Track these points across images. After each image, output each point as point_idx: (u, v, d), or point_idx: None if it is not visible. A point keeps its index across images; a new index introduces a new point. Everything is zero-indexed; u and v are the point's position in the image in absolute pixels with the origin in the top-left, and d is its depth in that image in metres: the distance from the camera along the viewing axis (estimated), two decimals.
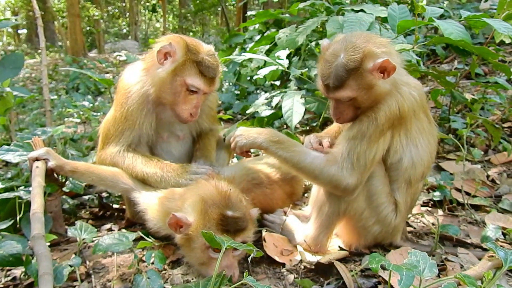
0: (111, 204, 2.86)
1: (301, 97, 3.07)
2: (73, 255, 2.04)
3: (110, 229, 2.55)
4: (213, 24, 26.84)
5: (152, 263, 1.98)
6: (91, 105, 5.89)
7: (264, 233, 2.21)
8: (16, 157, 2.43)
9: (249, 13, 6.62)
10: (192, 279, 1.97)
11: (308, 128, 4.64)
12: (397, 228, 2.21)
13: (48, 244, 2.28)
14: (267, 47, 5.07)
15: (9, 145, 2.51)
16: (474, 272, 1.70)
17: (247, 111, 3.88)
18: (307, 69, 4.04)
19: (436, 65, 5.95)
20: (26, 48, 22.28)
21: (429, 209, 2.77)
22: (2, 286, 1.96)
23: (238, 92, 6.02)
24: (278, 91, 3.33)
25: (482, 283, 1.35)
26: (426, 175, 2.28)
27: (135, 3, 27.18)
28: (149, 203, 2.16)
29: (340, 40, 2.03)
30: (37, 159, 2.22)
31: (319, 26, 4.64)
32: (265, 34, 5.41)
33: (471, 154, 3.27)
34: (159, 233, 2.15)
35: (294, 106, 2.98)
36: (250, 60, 4.85)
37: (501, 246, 2.07)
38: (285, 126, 4.43)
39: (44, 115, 4.65)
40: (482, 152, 3.47)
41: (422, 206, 2.81)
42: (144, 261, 2.04)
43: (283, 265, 2.08)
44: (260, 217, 2.37)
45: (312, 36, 4.99)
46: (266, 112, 4.52)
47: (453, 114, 3.93)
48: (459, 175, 2.93)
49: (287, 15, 5.48)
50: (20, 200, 2.28)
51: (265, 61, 4.40)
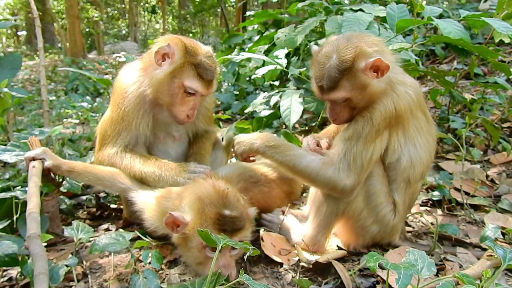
0: (109, 204, 2.85)
1: (300, 97, 3.06)
2: (70, 255, 2.04)
3: (108, 229, 2.54)
4: (213, 25, 26.85)
5: (149, 263, 1.97)
6: (90, 106, 5.89)
7: (262, 233, 2.20)
8: (13, 157, 2.42)
9: (248, 14, 6.62)
10: (189, 279, 1.95)
11: (307, 128, 4.63)
12: (396, 228, 2.19)
13: (45, 244, 2.28)
14: (266, 47, 5.07)
15: (6, 145, 2.50)
16: (473, 272, 1.69)
17: (245, 111, 3.87)
18: (306, 69, 4.03)
19: (436, 65, 5.94)
20: (26, 50, 22.26)
21: (428, 209, 2.76)
22: None
23: (237, 92, 6.01)
24: (277, 91, 3.31)
25: (481, 282, 1.34)
26: (425, 175, 2.27)
27: (135, 5, 27.20)
28: (146, 203, 2.14)
29: (332, 42, 2.03)
30: (34, 159, 2.20)
31: (318, 26, 4.64)
32: (264, 34, 5.41)
33: (470, 154, 3.26)
34: (157, 233, 2.14)
35: (292, 106, 2.97)
36: (249, 60, 4.85)
37: (500, 246, 2.08)
38: (284, 126, 4.42)
39: (43, 116, 4.64)
40: (482, 152, 3.46)
41: (421, 206, 2.80)
42: (141, 261, 2.03)
43: (281, 265, 2.07)
44: (258, 217, 2.36)
45: (311, 36, 4.98)
46: (265, 112, 4.52)
47: (452, 114, 3.93)
48: (458, 175, 2.92)
49: (286, 15, 5.48)
50: (17, 200, 2.27)
51: (264, 61, 4.39)
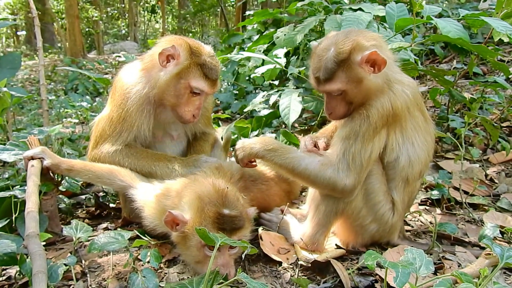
0: (108, 203, 2.85)
1: (299, 96, 3.06)
2: (69, 254, 2.03)
3: (107, 228, 2.53)
4: (213, 25, 26.86)
5: (148, 262, 1.97)
6: (90, 106, 5.89)
7: (261, 232, 2.20)
8: (12, 156, 2.41)
9: (248, 13, 6.62)
10: (188, 278, 1.95)
11: (307, 128, 4.63)
12: (395, 227, 2.19)
13: (44, 243, 2.27)
14: (266, 46, 5.08)
15: (5, 145, 2.50)
16: (471, 270, 1.69)
17: (245, 110, 3.87)
18: (305, 68, 4.03)
19: (435, 65, 5.94)
20: (25, 50, 22.27)
21: (427, 208, 2.76)
22: None
23: (237, 92, 6.01)
24: (276, 90, 3.32)
25: (479, 280, 1.34)
26: (424, 174, 2.27)
27: (134, 4, 27.19)
28: (146, 200, 2.14)
29: (331, 36, 2.05)
30: (33, 158, 2.20)
31: (318, 25, 4.64)
32: (264, 34, 5.42)
33: (470, 153, 3.26)
34: (156, 231, 2.14)
35: (292, 104, 2.97)
36: (248, 59, 4.85)
37: (498, 244, 2.08)
38: (284, 125, 4.42)
39: (42, 116, 4.64)
40: (481, 151, 3.46)
41: (420, 205, 2.80)
42: (140, 260, 2.03)
43: (280, 264, 2.07)
44: (257, 216, 2.35)
45: (311, 36, 4.99)
46: (265, 111, 4.52)
47: (452, 113, 3.93)
48: (458, 174, 2.92)
49: (286, 15, 5.48)
50: (16, 200, 2.26)
51: (263, 60, 4.40)
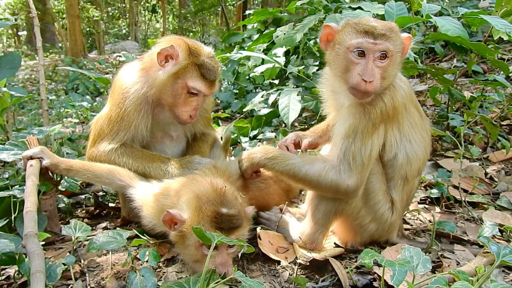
0: (107, 203, 2.85)
1: (298, 95, 3.05)
2: (68, 254, 2.04)
3: (106, 228, 2.54)
4: (213, 24, 26.85)
5: (147, 261, 1.97)
6: (90, 105, 5.89)
7: (259, 231, 2.20)
8: (11, 156, 2.42)
9: (248, 12, 6.62)
10: (186, 277, 1.96)
11: (307, 126, 4.62)
12: (393, 226, 2.19)
13: (43, 243, 2.28)
14: (265, 46, 5.07)
15: (4, 144, 2.51)
16: (469, 268, 1.68)
17: (244, 109, 3.87)
18: (304, 67, 4.03)
19: (435, 63, 5.93)
20: (26, 50, 22.28)
21: (426, 207, 2.75)
22: None
23: (237, 91, 6.01)
24: (275, 89, 3.32)
25: (474, 278, 1.34)
26: (422, 171, 2.27)
27: (135, 4, 27.20)
28: (145, 200, 2.15)
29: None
30: (32, 158, 2.21)
31: (317, 24, 4.64)
32: (264, 33, 5.42)
33: (470, 152, 3.26)
34: (154, 230, 2.14)
35: (291, 104, 2.97)
36: (248, 59, 4.85)
37: (501, 244, 2.07)
38: (284, 125, 4.43)
39: (42, 115, 4.65)
40: (480, 150, 3.45)
41: (419, 204, 2.79)
42: (139, 259, 2.03)
43: (279, 263, 2.07)
44: (256, 215, 2.36)
45: (311, 35, 4.99)
46: (264, 111, 4.53)
47: (452, 112, 3.92)
48: (457, 173, 2.92)
49: (286, 14, 5.48)
50: (15, 199, 2.27)
51: (263, 59, 4.40)
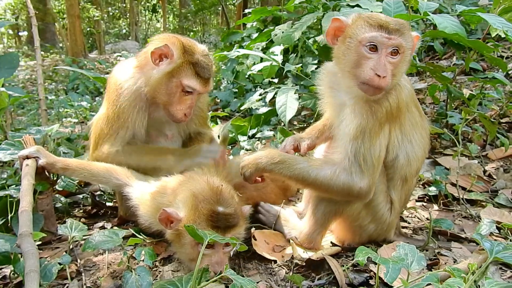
0: (104, 202, 2.85)
1: (295, 93, 3.05)
2: (64, 253, 2.04)
3: (103, 227, 2.53)
4: (214, 24, 26.85)
5: (143, 260, 1.97)
6: (89, 105, 5.89)
7: (254, 231, 2.19)
8: (7, 156, 2.42)
9: (247, 11, 6.60)
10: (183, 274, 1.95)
11: (306, 125, 4.62)
12: (391, 225, 2.18)
13: (40, 243, 2.29)
14: (264, 44, 5.07)
15: (1, 144, 2.51)
16: (465, 266, 1.67)
17: (241, 108, 3.87)
18: (302, 65, 4.02)
19: (435, 61, 5.91)
20: (27, 50, 22.30)
21: (424, 204, 2.75)
22: None
23: (236, 90, 6.01)
24: (272, 87, 3.31)
25: (467, 275, 1.33)
26: (420, 170, 2.26)
27: (135, 4, 27.21)
28: (142, 198, 2.14)
29: None
30: (28, 157, 2.21)
31: (316, 22, 4.63)
32: (263, 31, 5.40)
33: (468, 150, 3.25)
34: (151, 229, 2.14)
35: (288, 102, 2.96)
36: (246, 57, 4.84)
37: (495, 240, 2.06)
38: (283, 123, 4.42)
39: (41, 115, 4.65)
40: (479, 147, 3.44)
41: (417, 201, 2.78)
42: (135, 258, 2.03)
43: (275, 261, 2.06)
44: (254, 210, 2.34)
45: (310, 33, 4.98)
46: (263, 109, 4.52)
47: (451, 110, 3.91)
48: (455, 170, 2.90)
49: (285, 12, 5.46)
50: (11, 199, 2.27)
51: (262, 58, 4.40)
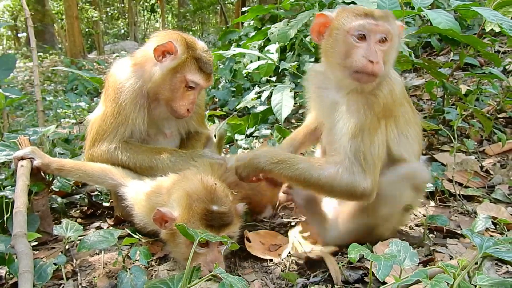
0: (101, 203, 2.85)
1: (291, 91, 3.04)
2: (59, 254, 2.04)
3: (99, 227, 2.54)
4: (212, 23, 26.82)
5: (138, 260, 1.97)
6: (88, 106, 5.89)
7: (248, 233, 2.17)
8: (3, 157, 2.42)
9: (244, 9, 6.60)
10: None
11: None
12: (389, 222, 2.17)
13: (36, 243, 2.30)
14: (261, 43, 5.06)
15: None
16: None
17: (237, 106, 3.87)
18: (299, 63, 4.02)
19: (432, 57, 5.90)
20: (26, 52, 22.31)
21: (421, 201, 2.74)
22: None
23: (234, 89, 6.00)
24: (268, 86, 3.31)
25: (457, 270, 1.33)
26: None
27: (134, 4, 27.19)
28: (136, 198, 2.15)
29: None
30: (22, 158, 2.21)
31: (312, 20, 4.62)
32: (260, 30, 5.40)
33: (465, 145, 3.24)
34: (146, 229, 2.15)
35: (284, 100, 2.96)
36: (243, 56, 4.84)
37: (491, 236, 2.06)
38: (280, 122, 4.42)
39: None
40: (476, 143, 3.43)
41: None
42: (131, 258, 2.03)
43: (271, 259, 2.06)
44: (248, 211, 2.34)
45: (306, 31, 4.97)
46: (260, 108, 4.52)
47: (448, 106, 3.90)
48: (451, 166, 2.90)
49: (282, 11, 5.45)
50: (7, 200, 2.27)
51: (259, 56, 4.40)
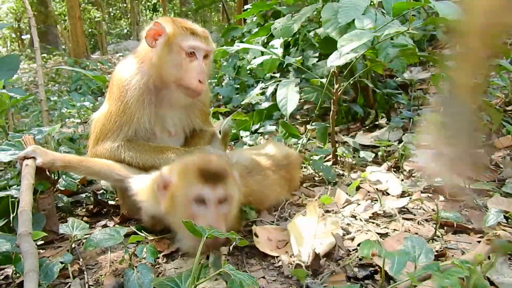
0: (107, 201, 2.84)
1: (296, 86, 3.01)
2: (66, 252, 2.03)
3: (105, 225, 2.52)
4: (215, 21, 26.74)
5: (144, 258, 1.95)
6: (92, 105, 5.90)
7: (255, 228, 2.14)
8: (8, 156, 2.41)
9: (246, 7, 6.56)
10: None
11: (308, 119, 4.59)
12: None
13: (42, 242, 2.29)
14: (264, 39, 5.02)
15: (1, 145, 2.50)
16: (471, 257, 1.63)
17: (242, 102, 3.85)
18: (303, 59, 3.98)
19: (438, 50, 5.83)
20: (30, 53, 22.38)
21: (430, 195, 2.70)
22: None
23: (238, 86, 5.98)
24: (273, 81, 3.27)
25: (473, 266, 1.30)
26: None
27: (136, 3, 27.20)
28: (142, 185, 2.15)
29: None
30: (26, 158, 2.20)
31: (316, 15, 4.57)
32: (263, 26, 5.36)
33: None
34: (153, 221, 2.16)
35: (289, 95, 2.92)
36: (247, 52, 4.81)
37: (503, 230, 2.02)
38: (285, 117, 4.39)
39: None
40: (485, 136, 3.38)
41: (423, 193, 2.74)
42: (137, 256, 2.01)
43: (279, 256, 2.03)
44: (253, 209, 2.32)
45: (310, 25, 4.92)
46: (265, 104, 4.49)
47: None
48: None
49: (284, 7, 5.41)
50: (13, 199, 2.27)
51: (262, 52, 4.36)
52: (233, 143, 4.06)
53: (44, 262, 1.81)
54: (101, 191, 2.92)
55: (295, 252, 1.97)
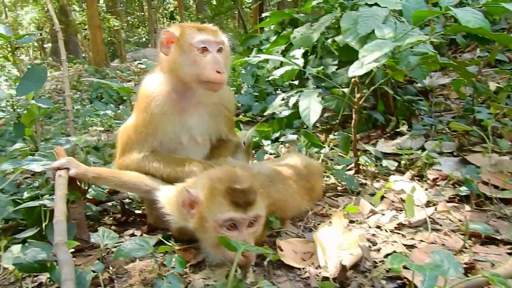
0: (133, 210, 2.90)
1: (318, 96, 3.03)
2: (96, 261, 2.09)
3: (133, 234, 2.58)
4: (231, 28, 26.99)
5: (173, 267, 1.99)
6: (114, 113, 6.04)
7: (279, 241, 2.15)
8: (40, 167, 2.50)
9: (264, 15, 6.62)
10: (214, 283, 1.96)
11: (328, 127, 4.58)
12: None
13: (73, 251, 2.34)
14: (283, 47, 5.06)
15: (34, 156, 2.60)
16: (504, 270, 1.62)
17: (265, 113, 3.87)
18: (323, 67, 3.99)
19: (458, 55, 5.76)
20: (52, 61, 23.01)
21: (456, 205, 2.67)
22: None
23: (257, 94, 6.02)
24: (295, 91, 3.30)
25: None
26: None
27: (154, 12, 27.68)
28: (169, 197, 2.19)
29: None
30: (59, 169, 2.28)
31: (334, 23, 4.59)
32: (281, 34, 5.40)
33: (498, 146, 3.14)
34: (180, 231, 2.19)
35: (311, 105, 2.94)
36: (267, 61, 4.85)
37: None
38: (305, 126, 4.40)
39: (69, 125, 4.78)
40: (510, 143, 3.32)
41: (448, 202, 2.71)
42: (165, 266, 2.05)
43: (305, 268, 2.04)
44: (278, 219, 2.33)
45: (328, 34, 4.94)
46: (285, 112, 4.51)
47: (477, 105, 3.79)
48: (486, 168, 2.81)
49: (302, 15, 5.44)
50: (45, 208, 2.34)
51: (282, 61, 4.40)
52: (254, 152, 4.09)
53: (77, 271, 1.86)
54: (128, 200, 2.99)
55: (322, 264, 1.98)
